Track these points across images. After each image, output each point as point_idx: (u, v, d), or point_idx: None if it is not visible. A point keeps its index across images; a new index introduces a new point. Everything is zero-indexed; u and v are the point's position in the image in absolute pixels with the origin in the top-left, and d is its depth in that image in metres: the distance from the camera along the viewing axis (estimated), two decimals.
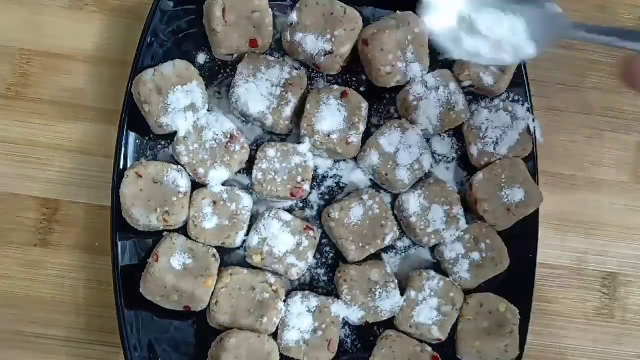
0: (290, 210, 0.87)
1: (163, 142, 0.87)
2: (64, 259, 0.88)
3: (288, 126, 0.86)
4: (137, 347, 0.82)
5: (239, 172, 0.86)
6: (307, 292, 0.85)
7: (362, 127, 0.85)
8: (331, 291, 0.86)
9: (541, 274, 0.89)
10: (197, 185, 0.85)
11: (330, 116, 0.84)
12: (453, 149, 0.89)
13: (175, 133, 0.84)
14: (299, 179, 0.84)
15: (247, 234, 0.84)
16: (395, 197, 0.87)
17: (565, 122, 0.94)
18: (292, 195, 0.83)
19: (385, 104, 0.90)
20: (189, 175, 0.84)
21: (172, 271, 0.81)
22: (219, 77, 0.88)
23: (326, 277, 0.87)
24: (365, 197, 0.84)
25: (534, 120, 0.88)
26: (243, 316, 0.82)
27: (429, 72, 0.87)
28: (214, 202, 0.83)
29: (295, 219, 0.84)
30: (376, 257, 0.87)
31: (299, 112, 0.86)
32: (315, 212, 0.88)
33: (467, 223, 0.85)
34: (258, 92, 0.84)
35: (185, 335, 0.85)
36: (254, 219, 0.85)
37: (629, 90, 0.64)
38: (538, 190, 0.85)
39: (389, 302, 0.83)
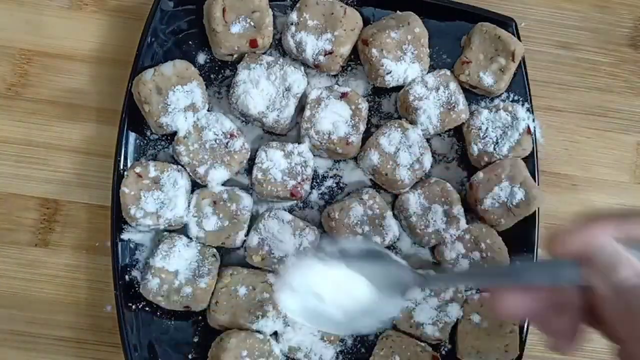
0: (290, 210, 0.87)
1: (163, 142, 0.87)
2: (64, 259, 0.88)
3: (288, 126, 0.86)
4: (137, 347, 0.82)
5: (239, 172, 0.86)
6: None
7: (362, 127, 0.85)
8: None
9: None
10: (197, 185, 0.85)
11: (330, 116, 0.84)
12: (453, 149, 0.89)
13: (175, 133, 0.84)
14: (299, 179, 0.84)
15: (247, 234, 0.84)
16: (395, 197, 0.87)
17: (565, 122, 0.94)
18: (292, 195, 0.83)
19: (386, 104, 0.90)
20: (189, 175, 0.84)
21: (171, 271, 0.81)
22: (219, 77, 0.88)
23: None
24: (365, 197, 0.84)
25: (534, 120, 0.88)
26: (243, 316, 0.82)
27: (429, 72, 0.87)
28: (214, 202, 0.83)
29: (295, 219, 0.84)
30: None
31: (299, 112, 0.86)
32: (315, 212, 0.88)
33: (467, 223, 0.85)
34: (258, 92, 0.84)
35: (185, 335, 0.85)
36: (254, 219, 0.85)
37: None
38: (538, 190, 0.85)
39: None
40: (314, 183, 0.88)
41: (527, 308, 0.60)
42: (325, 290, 0.70)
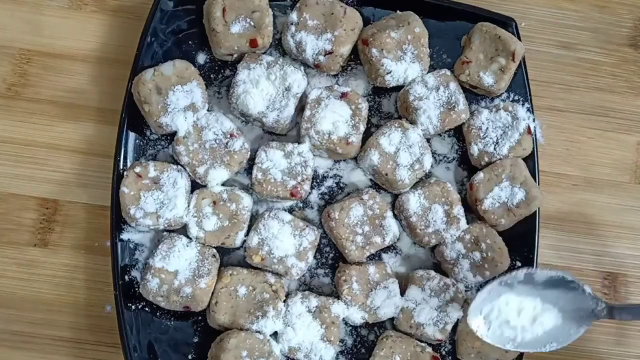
0: (290, 210, 0.87)
1: (163, 142, 0.87)
2: (63, 259, 0.88)
3: (288, 126, 0.86)
4: (137, 347, 0.82)
5: (239, 172, 0.86)
6: (307, 292, 0.85)
7: (362, 127, 0.85)
8: (331, 291, 0.86)
9: None
10: (197, 185, 0.85)
11: (330, 116, 0.84)
12: (453, 149, 0.89)
13: (175, 133, 0.84)
14: (299, 179, 0.84)
15: (247, 234, 0.84)
16: (395, 197, 0.87)
17: (565, 122, 0.94)
18: (292, 195, 0.83)
19: (386, 104, 0.90)
20: (189, 175, 0.84)
21: (171, 271, 0.81)
22: (219, 77, 0.88)
23: (326, 277, 0.87)
24: (365, 197, 0.84)
25: (534, 120, 0.88)
26: (243, 316, 0.82)
27: (429, 72, 0.87)
28: (214, 202, 0.83)
29: (295, 219, 0.84)
30: (376, 257, 0.87)
31: (299, 112, 0.86)
32: (315, 212, 0.88)
33: (467, 223, 0.85)
34: (258, 92, 0.84)
35: (185, 335, 0.84)
36: (254, 219, 0.85)
37: None
38: (538, 190, 0.85)
39: (389, 302, 0.83)
40: (314, 183, 0.88)
41: None
42: (513, 316, 0.79)
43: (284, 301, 0.83)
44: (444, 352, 0.85)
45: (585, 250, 0.92)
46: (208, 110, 0.85)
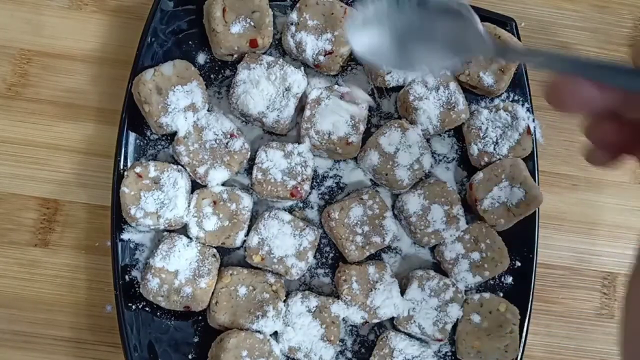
0: (290, 210, 0.87)
1: (163, 142, 0.87)
2: (63, 259, 0.88)
3: (288, 126, 0.86)
4: (137, 347, 0.82)
5: (239, 172, 0.86)
6: (307, 292, 0.85)
7: (362, 127, 0.85)
8: (331, 291, 0.87)
9: (541, 274, 0.89)
10: (197, 185, 0.85)
11: (330, 116, 0.84)
12: (453, 149, 0.89)
13: (175, 133, 0.84)
14: (299, 179, 0.84)
15: (247, 234, 0.84)
16: (395, 197, 0.87)
17: (565, 122, 0.94)
18: (292, 195, 0.83)
19: (386, 104, 0.90)
20: (189, 175, 0.84)
21: (172, 271, 0.81)
22: (219, 77, 0.88)
23: (326, 277, 0.87)
24: (365, 197, 0.84)
25: (534, 120, 0.88)
26: (243, 316, 0.82)
27: None
28: (214, 202, 0.83)
29: (295, 219, 0.84)
30: (376, 257, 0.87)
31: (299, 112, 0.86)
32: (315, 212, 0.88)
33: (467, 223, 0.85)
34: (258, 92, 0.84)
35: (185, 335, 0.85)
36: (254, 219, 0.85)
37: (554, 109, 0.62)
38: (538, 190, 0.85)
39: (389, 302, 0.83)
40: (314, 183, 0.88)
41: (594, 102, 0.55)
42: (389, 26, 0.65)
43: (284, 301, 0.83)
44: (444, 352, 0.86)
45: (585, 250, 0.92)
46: (208, 111, 0.85)
